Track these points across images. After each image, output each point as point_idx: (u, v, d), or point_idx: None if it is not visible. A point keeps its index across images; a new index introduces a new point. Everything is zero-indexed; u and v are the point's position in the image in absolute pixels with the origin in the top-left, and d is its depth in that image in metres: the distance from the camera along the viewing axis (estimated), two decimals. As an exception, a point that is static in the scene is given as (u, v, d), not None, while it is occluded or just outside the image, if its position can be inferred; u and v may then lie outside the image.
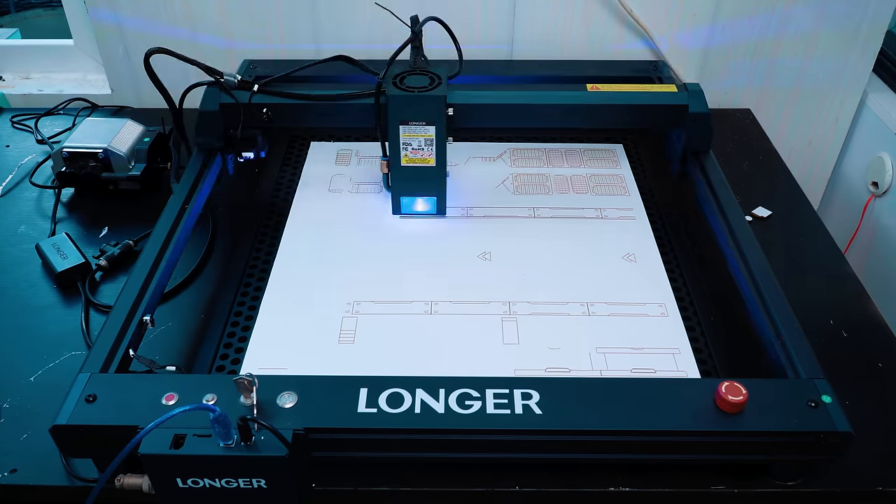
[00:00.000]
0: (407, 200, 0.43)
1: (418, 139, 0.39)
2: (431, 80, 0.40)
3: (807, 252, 0.44)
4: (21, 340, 0.38)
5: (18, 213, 0.48)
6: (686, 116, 0.44)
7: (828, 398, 0.29)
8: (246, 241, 0.44)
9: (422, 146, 0.39)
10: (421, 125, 0.39)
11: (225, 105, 0.43)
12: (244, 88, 0.43)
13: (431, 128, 0.39)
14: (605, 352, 0.35)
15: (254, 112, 0.43)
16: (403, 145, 0.40)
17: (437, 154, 0.40)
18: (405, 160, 0.40)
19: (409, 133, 0.39)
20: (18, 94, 0.61)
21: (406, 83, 0.40)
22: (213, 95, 0.43)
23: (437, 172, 0.41)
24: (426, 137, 0.39)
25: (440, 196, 0.43)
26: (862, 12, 0.56)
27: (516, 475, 0.31)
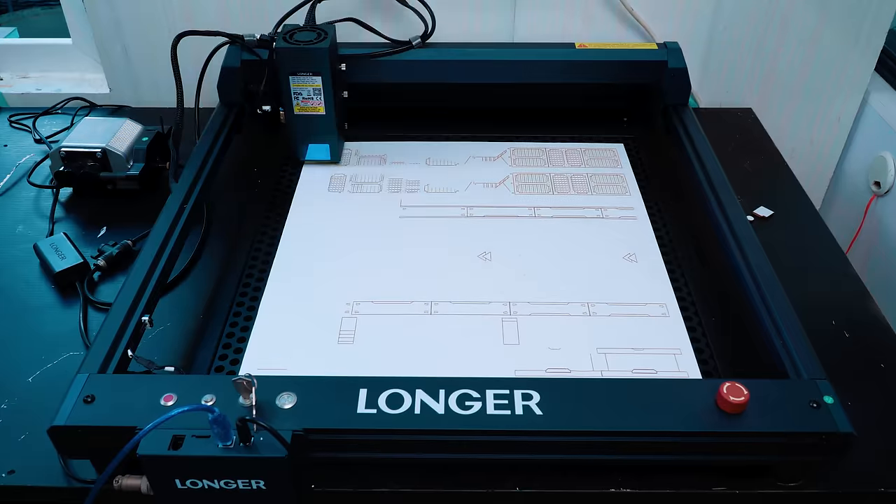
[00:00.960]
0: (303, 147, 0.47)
1: (307, 89, 0.43)
2: (318, 35, 0.44)
3: (808, 252, 0.44)
4: (19, 341, 0.37)
5: (16, 213, 0.47)
6: (665, 71, 0.49)
7: (830, 399, 0.29)
8: (245, 240, 0.44)
9: (311, 95, 0.44)
10: (308, 75, 0.43)
11: (246, 62, 0.48)
12: (264, 47, 0.46)
13: (318, 78, 0.43)
14: (605, 352, 0.35)
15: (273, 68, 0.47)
16: (294, 94, 0.44)
17: (326, 102, 0.44)
18: (297, 109, 0.45)
19: (299, 83, 0.43)
20: (16, 94, 0.61)
21: (295, 38, 0.44)
22: (234, 53, 0.48)
23: (327, 120, 0.45)
24: (314, 87, 0.43)
25: (333, 143, 0.47)
26: (864, 10, 0.56)
27: (516, 476, 0.31)
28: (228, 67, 0.49)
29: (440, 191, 0.48)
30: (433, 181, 0.48)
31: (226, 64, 0.49)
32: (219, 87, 0.49)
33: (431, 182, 0.48)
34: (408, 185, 0.48)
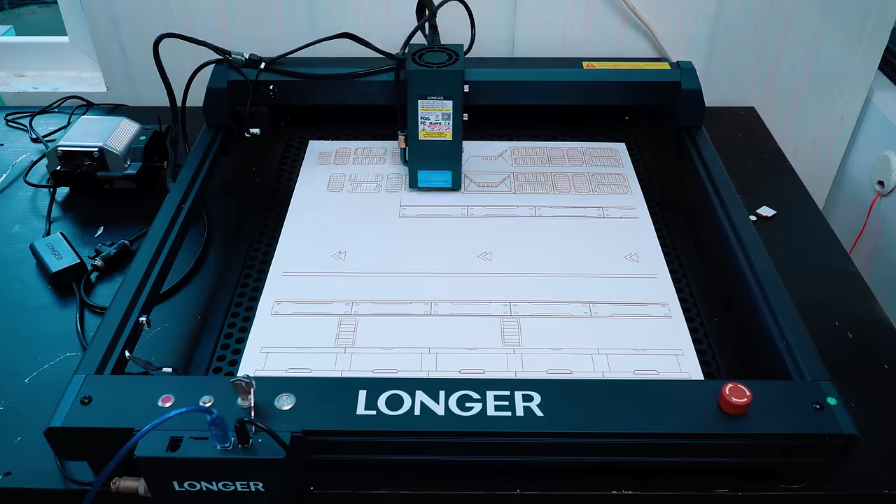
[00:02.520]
0: (424, 174, 0.45)
1: (436, 113, 0.42)
2: (449, 57, 0.42)
3: (811, 252, 0.44)
4: (15, 342, 0.37)
5: (13, 213, 0.47)
6: (679, 93, 0.47)
7: (833, 400, 0.29)
8: (243, 240, 0.44)
9: (439, 120, 0.42)
10: (439, 100, 0.41)
11: (232, 82, 0.45)
12: (251, 66, 0.45)
13: (449, 102, 0.41)
14: (607, 353, 0.35)
15: (260, 89, 0.45)
16: (422, 119, 0.42)
17: (453, 128, 0.42)
18: (423, 134, 0.43)
19: (428, 107, 0.42)
20: (13, 92, 0.60)
21: (425, 59, 0.42)
22: (221, 73, 0.46)
23: (453, 146, 0.43)
24: (443, 112, 0.41)
25: (455, 170, 0.45)
26: (867, 9, 0.55)
27: (517, 478, 0.31)
28: (214, 89, 0.46)
29: (440, 190, 0.47)
30: (433, 180, 0.48)
31: (211, 85, 0.46)
32: (204, 108, 0.46)
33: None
34: (407, 184, 0.48)
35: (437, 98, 0.41)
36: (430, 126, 0.42)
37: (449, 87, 0.42)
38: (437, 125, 0.42)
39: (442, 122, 0.42)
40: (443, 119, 0.42)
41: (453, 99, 0.42)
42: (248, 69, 0.45)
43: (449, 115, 0.42)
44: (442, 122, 0.42)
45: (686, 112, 0.48)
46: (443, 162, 0.44)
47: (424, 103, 0.42)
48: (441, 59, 0.42)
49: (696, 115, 0.48)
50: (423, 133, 0.43)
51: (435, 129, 0.42)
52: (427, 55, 0.43)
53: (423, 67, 0.42)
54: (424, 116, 0.42)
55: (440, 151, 0.44)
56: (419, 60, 0.42)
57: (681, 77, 0.47)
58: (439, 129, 0.42)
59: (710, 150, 0.46)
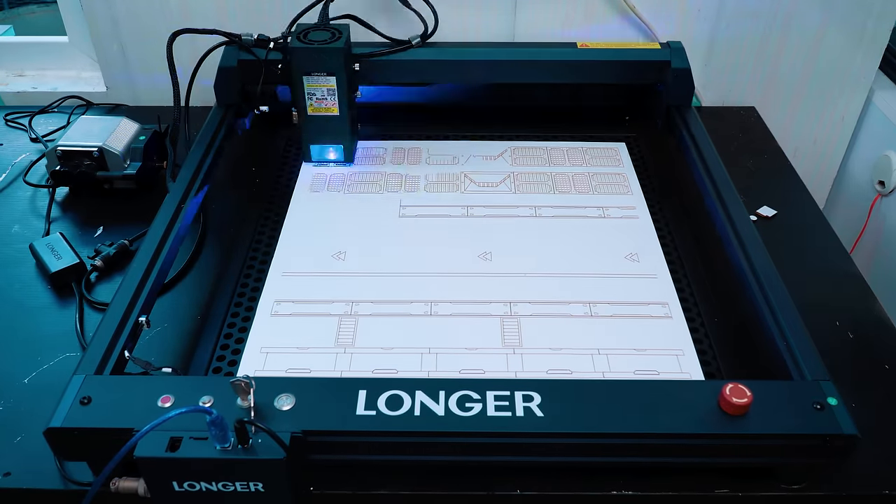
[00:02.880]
0: (316, 148, 0.47)
1: (321, 89, 0.43)
2: (333, 35, 0.43)
3: (812, 252, 0.44)
4: (15, 342, 0.37)
5: (12, 213, 0.47)
6: (668, 71, 0.48)
7: (833, 400, 0.29)
8: (243, 240, 0.44)
9: (325, 96, 0.43)
10: (322, 76, 0.42)
11: (242, 62, 0.47)
12: (261, 46, 0.46)
13: (332, 78, 0.42)
14: (607, 353, 0.35)
15: (270, 68, 0.46)
16: (308, 95, 0.43)
17: (339, 103, 0.44)
18: (311, 109, 0.44)
19: (313, 83, 0.43)
20: (12, 92, 0.60)
21: (309, 38, 0.43)
22: (231, 53, 0.48)
23: (341, 121, 0.45)
24: (328, 87, 0.42)
25: (346, 144, 0.46)
26: (868, 8, 0.55)
27: (517, 478, 0.30)
28: (225, 67, 0.48)
29: (440, 190, 0.47)
30: (433, 180, 0.48)
31: (223, 64, 0.48)
32: (216, 87, 0.49)
33: (431, 181, 0.48)
34: (407, 184, 0.48)
35: (321, 74, 0.42)
36: (316, 101, 0.43)
37: (331, 64, 0.43)
38: (324, 100, 0.43)
39: (328, 98, 0.43)
40: (328, 95, 0.43)
41: (336, 75, 0.43)
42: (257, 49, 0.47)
43: (334, 91, 0.43)
44: (328, 98, 0.43)
45: (676, 90, 0.49)
46: (333, 136, 0.46)
47: (309, 79, 0.43)
48: (324, 37, 0.43)
49: (685, 93, 0.49)
50: (311, 108, 0.44)
51: (322, 104, 0.43)
52: (312, 33, 0.43)
53: (305, 45, 0.42)
54: (311, 92, 0.43)
55: (329, 126, 0.45)
56: (303, 39, 0.43)
57: (670, 56, 0.49)
58: (326, 104, 0.43)
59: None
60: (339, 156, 0.47)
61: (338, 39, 0.43)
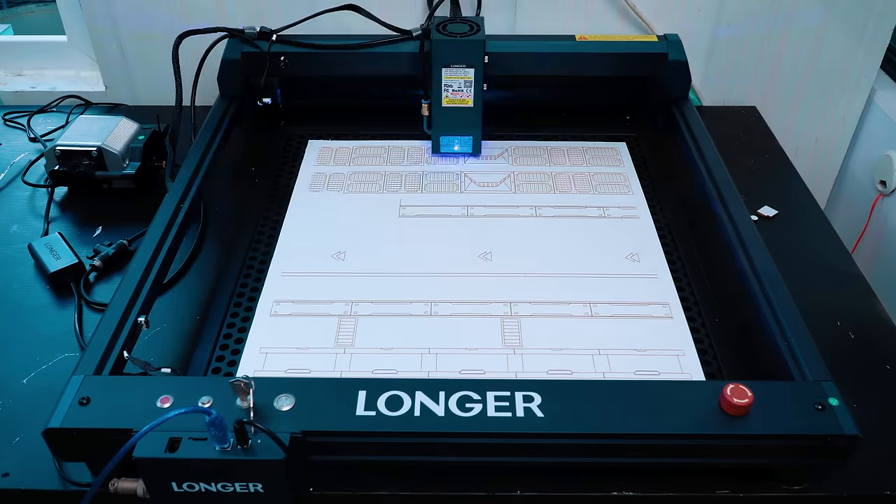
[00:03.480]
0: (446, 139, 0.47)
1: (458, 81, 0.44)
2: (471, 28, 0.45)
3: (813, 252, 0.44)
4: (13, 342, 0.37)
5: (11, 213, 0.47)
6: (665, 64, 0.48)
7: (835, 401, 0.29)
8: (242, 240, 0.44)
9: (461, 88, 0.44)
10: (462, 68, 0.44)
11: (246, 54, 0.48)
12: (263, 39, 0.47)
13: (471, 70, 0.44)
14: (607, 353, 0.35)
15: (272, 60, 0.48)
16: (445, 87, 0.45)
17: (475, 95, 0.45)
18: (446, 101, 0.45)
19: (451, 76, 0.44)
20: (10, 92, 0.60)
21: (448, 30, 0.45)
22: (234, 46, 0.48)
23: (474, 113, 0.46)
24: (466, 80, 0.44)
25: (476, 136, 0.47)
26: (869, 7, 0.55)
27: (517, 479, 0.30)
28: (229, 60, 0.48)
29: (440, 190, 0.47)
30: (433, 180, 0.48)
31: (226, 56, 0.49)
32: (219, 79, 0.49)
33: (431, 181, 0.48)
34: (407, 184, 0.48)
35: (460, 66, 0.43)
36: (452, 93, 0.44)
37: (471, 56, 0.44)
38: (460, 92, 0.44)
39: (464, 90, 0.44)
40: (465, 87, 0.44)
41: (475, 67, 0.44)
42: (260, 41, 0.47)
43: (471, 83, 0.44)
44: (464, 90, 0.44)
45: (673, 83, 0.49)
46: (464, 128, 0.47)
47: (448, 71, 0.44)
48: (463, 29, 0.44)
49: (682, 85, 0.50)
50: (447, 100, 0.45)
51: (457, 96, 0.44)
52: (450, 26, 0.45)
53: (447, 37, 0.43)
54: (448, 84, 0.44)
55: (462, 118, 0.46)
56: (443, 31, 0.44)
57: (667, 48, 0.49)
58: (461, 96, 0.44)
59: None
60: (468, 147, 0.47)
61: (476, 32, 0.44)
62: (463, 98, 0.44)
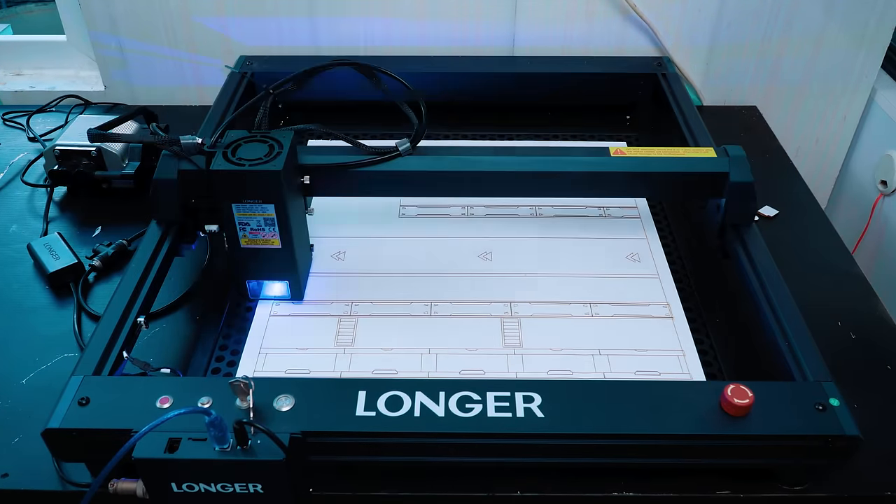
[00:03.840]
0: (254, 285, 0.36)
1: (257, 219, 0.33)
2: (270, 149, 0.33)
3: (814, 252, 0.43)
4: (12, 342, 0.37)
5: (10, 212, 0.47)
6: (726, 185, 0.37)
7: (836, 401, 0.29)
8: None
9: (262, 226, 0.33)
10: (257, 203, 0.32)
11: (184, 172, 0.36)
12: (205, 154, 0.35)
13: (270, 206, 0.32)
14: (608, 354, 0.35)
15: None
16: (240, 226, 0.33)
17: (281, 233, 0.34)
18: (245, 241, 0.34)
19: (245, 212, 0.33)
20: (10, 91, 0.60)
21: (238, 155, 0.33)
22: (169, 162, 0.36)
23: (285, 255, 0.35)
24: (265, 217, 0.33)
25: (293, 279, 0.36)
26: (870, 7, 0.55)
27: (518, 480, 0.30)
28: (162, 180, 0.36)
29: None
30: (433, 180, 0.48)
31: (159, 175, 0.36)
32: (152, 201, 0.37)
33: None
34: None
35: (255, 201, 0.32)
36: (251, 233, 0.33)
37: (266, 190, 0.32)
38: (261, 231, 0.33)
39: (266, 229, 0.33)
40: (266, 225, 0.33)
41: (275, 203, 0.32)
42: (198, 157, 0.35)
43: (273, 221, 0.33)
44: (266, 229, 0.33)
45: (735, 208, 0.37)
46: (275, 273, 0.35)
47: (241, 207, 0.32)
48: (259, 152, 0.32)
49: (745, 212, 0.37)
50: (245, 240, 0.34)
51: (258, 235, 0.33)
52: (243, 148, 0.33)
53: (233, 166, 0.32)
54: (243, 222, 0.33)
55: (271, 260, 0.35)
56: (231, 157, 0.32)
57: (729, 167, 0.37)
58: (263, 235, 0.33)
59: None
60: (285, 293, 0.36)
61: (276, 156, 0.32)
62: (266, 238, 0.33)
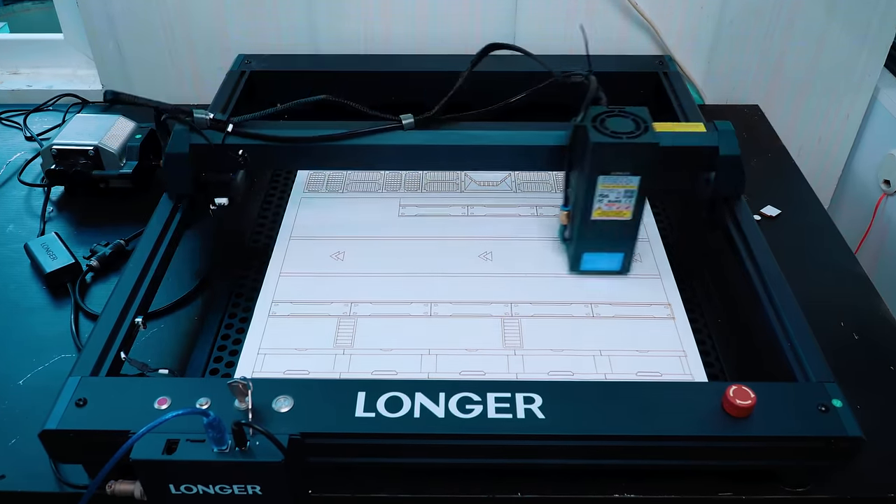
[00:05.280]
0: (591, 257, 0.36)
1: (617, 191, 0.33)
2: (637, 125, 0.34)
3: (817, 252, 0.43)
4: (9, 343, 0.37)
5: (7, 212, 0.47)
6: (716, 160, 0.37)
7: (838, 402, 0.29)
8: (241, 240, 0.43)
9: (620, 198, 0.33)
10: (625, 175, 0.33)
11: (196, 146, 0.37)
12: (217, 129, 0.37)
13: (636, 178, 0.33)
14: (609, 354, 0.35)
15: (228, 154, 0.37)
16: (599, 197, 0.34)
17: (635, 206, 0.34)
18: (597, 213, 0.34)
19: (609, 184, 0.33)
20: (7, 90, 0.60)
21: (608, 126, 0.34)
22: (181, 136, 0.38)
23: (631, 227, 0.35)
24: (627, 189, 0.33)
25: (628, 252, 0.36)
26: (873, 5, 0.54)
27: (518, 481, 0.30)
28: (175, 154, 0.37)
29: (440, 190, 0.47)
30: (433, 179, 0.48)
31: (171, 149, 0.37)
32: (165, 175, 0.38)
33: (431, 181, 0.48)
34: (407, 183, 0.47)
35: (623, 174, 0.33)
36: (607, 205, 0.34)
37: (639, 162, 0.33)
38: (617, 203, 0.33)
39: (623, 201, 0.33)
40: (624, 197, 0.33)
41: (642, 175, 0.33)
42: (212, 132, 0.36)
43: (633, 193, 0.33)
44: (623, 201, 0.33)
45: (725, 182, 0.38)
46: (615, 243, 0.36)
47: (606, 179, 0.33)
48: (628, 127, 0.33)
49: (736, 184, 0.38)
50: (598, 213, 0.34)
51: (613, 207, 0.33)
52: (610, 121, 0.34)
53: (611, 139, 0.33)
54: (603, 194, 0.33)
55: (614, 233, 0.35)
56: (602, 128, 0.33)
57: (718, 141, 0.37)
58: (618, 207, 0.33)
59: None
60: (615, 265, 0.36)
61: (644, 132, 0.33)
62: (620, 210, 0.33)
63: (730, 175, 0.38)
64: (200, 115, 0.37)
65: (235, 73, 0.51)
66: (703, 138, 0.39)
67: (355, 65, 0.53)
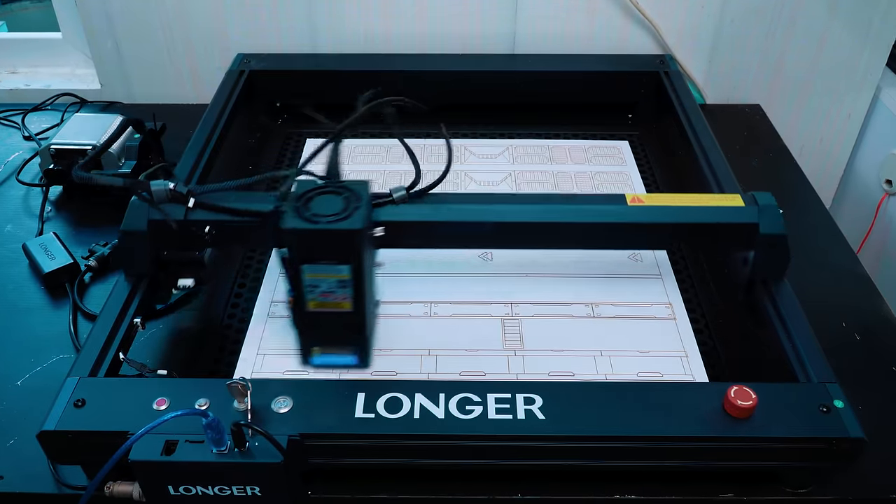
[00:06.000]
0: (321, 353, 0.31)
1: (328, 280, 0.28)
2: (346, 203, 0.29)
3: (818, 252, 0.43)
4: (7, 343, 0.37)
5: (5, 212, 0.46)
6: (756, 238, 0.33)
7: (840, 403, 0.29)
8: (240, 240, 0.43)
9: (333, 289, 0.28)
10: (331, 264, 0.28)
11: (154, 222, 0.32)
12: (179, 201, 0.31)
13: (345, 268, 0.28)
14: (610, 355, 0.35)
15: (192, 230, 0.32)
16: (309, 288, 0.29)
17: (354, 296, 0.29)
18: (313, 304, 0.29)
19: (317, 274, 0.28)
20: (5, 89, 0.59)
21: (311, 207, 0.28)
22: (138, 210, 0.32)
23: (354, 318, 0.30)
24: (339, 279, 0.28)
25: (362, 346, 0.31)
26: (875, 4, 0.54)
27: (519, 482, 0.30)
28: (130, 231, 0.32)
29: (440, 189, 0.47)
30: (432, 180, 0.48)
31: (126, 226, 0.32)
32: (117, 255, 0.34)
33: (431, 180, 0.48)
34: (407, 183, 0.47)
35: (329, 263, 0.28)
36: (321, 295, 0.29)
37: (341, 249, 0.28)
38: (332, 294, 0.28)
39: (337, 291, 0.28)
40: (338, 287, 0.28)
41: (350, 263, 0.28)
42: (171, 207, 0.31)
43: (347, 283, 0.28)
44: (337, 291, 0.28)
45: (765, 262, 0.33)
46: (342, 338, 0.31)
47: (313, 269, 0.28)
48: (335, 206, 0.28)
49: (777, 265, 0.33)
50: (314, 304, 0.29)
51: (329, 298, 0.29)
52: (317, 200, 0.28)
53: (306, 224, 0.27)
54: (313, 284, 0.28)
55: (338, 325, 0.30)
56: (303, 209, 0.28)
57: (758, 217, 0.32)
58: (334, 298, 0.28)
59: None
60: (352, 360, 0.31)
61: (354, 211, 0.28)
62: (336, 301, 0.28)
63: (771, 256, 0.33)
64: (159, 186, 0.31)
65: (235, 73, 0.51)
66: (739, 213, 0.33)
67: (355, 65, 0.53)
